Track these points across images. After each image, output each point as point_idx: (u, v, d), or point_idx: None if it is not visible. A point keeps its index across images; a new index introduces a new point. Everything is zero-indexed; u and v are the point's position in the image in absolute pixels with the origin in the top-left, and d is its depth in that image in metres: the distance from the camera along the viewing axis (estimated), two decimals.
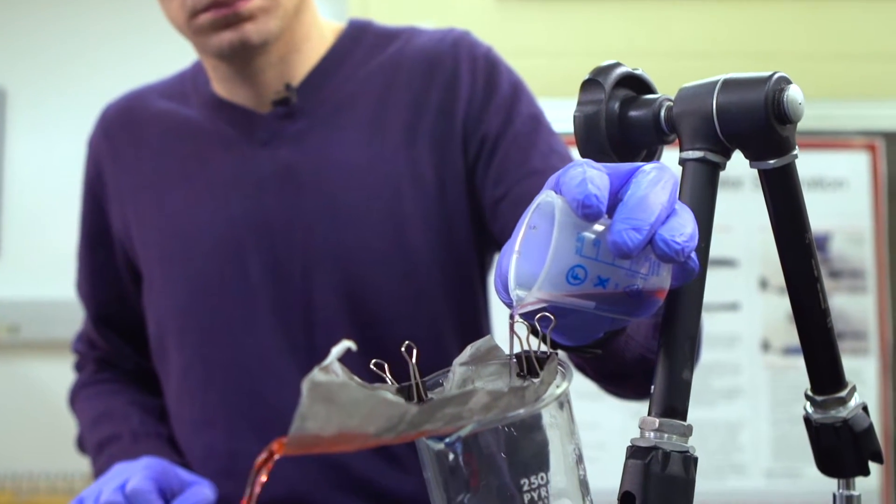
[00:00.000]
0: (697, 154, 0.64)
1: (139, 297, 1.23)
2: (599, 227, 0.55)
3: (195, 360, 1.15)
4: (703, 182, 0.63)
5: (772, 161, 0.65)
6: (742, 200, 2.34)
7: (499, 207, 1.10)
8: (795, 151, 0.66)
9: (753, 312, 2.35)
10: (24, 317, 2.96)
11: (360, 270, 1.11)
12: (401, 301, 1.11)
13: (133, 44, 2.99)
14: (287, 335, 1.11)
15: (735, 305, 2.35)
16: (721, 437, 2.30)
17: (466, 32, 1.18)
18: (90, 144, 1.26)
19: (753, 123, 0.63)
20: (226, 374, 1.14)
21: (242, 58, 1.11)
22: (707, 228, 0.62)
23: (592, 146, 0.67)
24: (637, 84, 0.70)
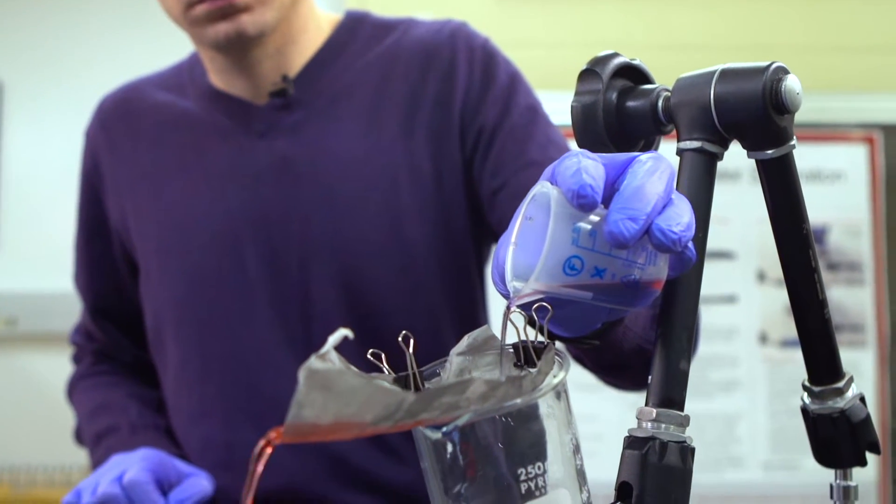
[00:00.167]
0: (695, 144, 0.64)
1: (136, 289, 1.22)
2: (595, 218, 0.55)
3: (192, 353, 1.15)
4: (701, 172, 0.63)
5: (770, 151, 0.65)
6: (740, 193, 2.34)
7: (496, 199, 1.10)
8: (793, 141, 0.65)
9: (751, 305, 2.35)
10: (22, 309, 2.96)
11: (358, 262, 1.11)
12: (398, 293, 1.11)
13: (130, 36, 2.98)
14: (284, 327, 1.11)
15: (733, 298, 2.35)
16: (719, 430, 2.30)
17: (463, 24, 1.18)
18: (87, 136, 1.26)
19: (751, 113, 0.63)
20: (223, 367, 1.14)
21: (239, 49, 1.10)
22: (705, 219, 0.62)
23: (590, 136, 0.67)
24: (635, 74, 0.70)
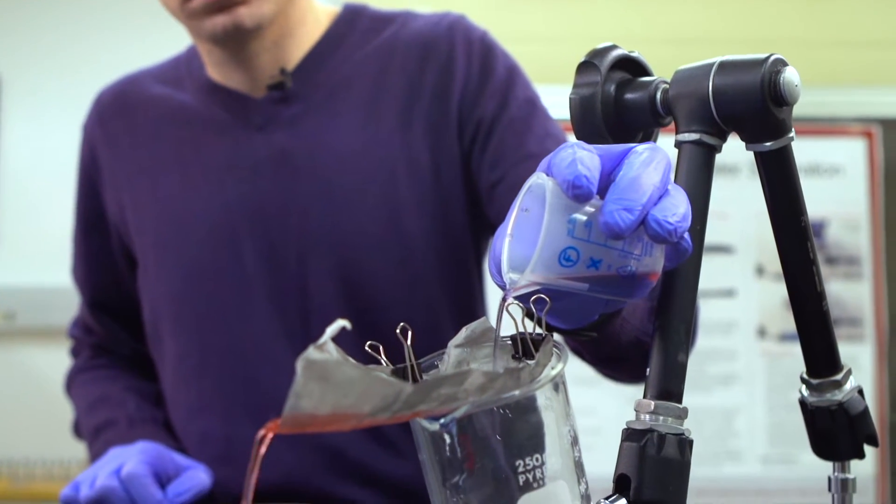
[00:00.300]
0: (693, 136, 0.64)
1: (134, 283, 1.22)
2: (591, 209, 0.55)
3: (190, 347, 1.15)
4: (699, 164, 0.63)
5: (768, 143, 0.65)
6: (739, 187, 2.34)
7: (494, 192, 1.09)
8: (792, 134, 0.65)
9: (750, 299, 2.35)
10: (21, 303, 2.95)
11: (356, 255, 1.11)
12: (396, 286, 1.11)
13: (129, 30, 2.98)
14: (282, 321, 1.11)
15: (731, 292, 2.35)
16: (717, 424, 2.30)
17: (462, 16, 1.17)
18: (84, 129, 1.26)
19: (750, 105, 0.62)
20: (221, 360, 1.14)
21: (236, 42, 1.10)
22: (703, 211, 0.62)
23: (588, 128, 0.67)
24: (633, 67, 0.70)
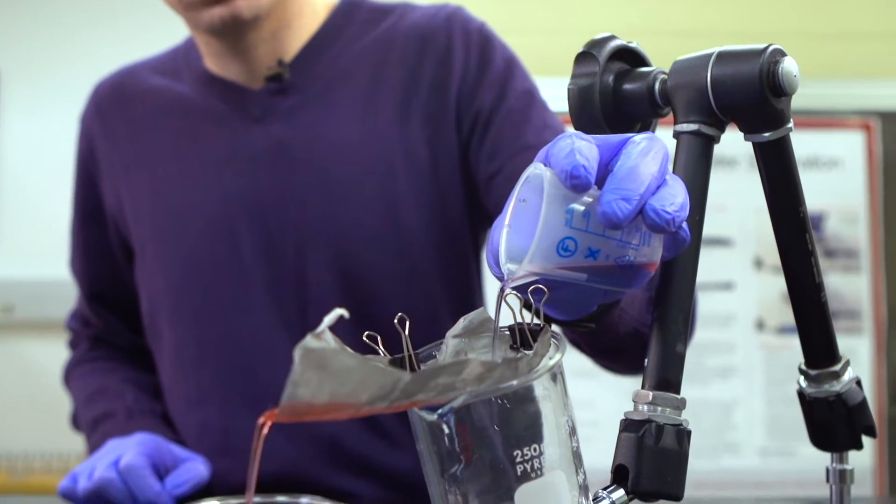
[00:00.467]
0: (692, 127, 0.64)
1: (132, 275, 1.22)
2: (589, 199, 0.55)
3: (188, 338, 1.15)
4: (698, 155, 0.63)
5: (766, 134, 0.65)
6: (737, 180, 2.34)
7: (492, 183, 1.09)
8: (790, 124, 0.65)
9: (748, 292, 2.36)
10: (19, 296, 2.95)
11: (354, 247, 1.11)
12: (394, 278, 1.11)
13: (127, 24, 2.97)
14: (280, 312, 1.11)
15: (730, 285, 2.35)
16: (715, 416, 2.30)
17: (460, 7, 1.17)
18: (82, 121, 1.25)
19: (748, 96, 0.62)
20: (219, 352, 1.14)
21: (234, 33, 1.10)
22: (701, 201, 0.62)
23: (586, 119, 0.67)
24: (631, 57, 0.70)
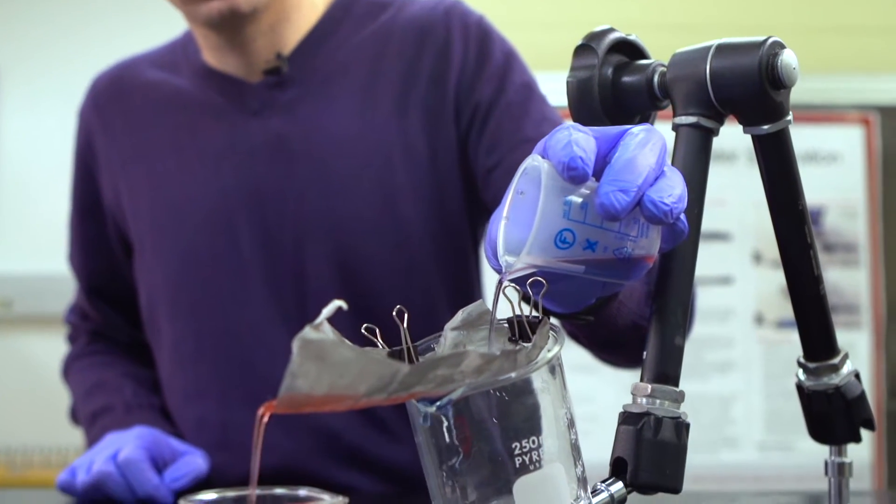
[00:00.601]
0: (691, 119, 0.64)
1: (131, 268, 1.22)
2: (587, 191, 0.55)
3: (187, 332, 1.15)
4: (697, 147, 0.63)
5: (765, 126, 0.65)
6: (736, 174, 2.34)
7: (491, 176, 1.09)
8: (789, 117, 0.65)
9: (747, 286, 2.36)
10: (17, 291, 2.95)
11: (352, 240, 1.10)
12: (393, 271, 1.11)
13: (125, 20, 2.97)
14: (279, 305, 1.11)
15: (728, 279, 2.35)
16: (714, 411, 2.30)
17: (458, 1, 1.17)
18: (80, 115, 1.25)
19: (747, 88, 0.62)
20: (218, 346, 1.14)
21: (232, 26, 1.10)
22: (700, 194, 0.62)
23: (585, 111, 0.67)
24: (630, 50, 0.70)
